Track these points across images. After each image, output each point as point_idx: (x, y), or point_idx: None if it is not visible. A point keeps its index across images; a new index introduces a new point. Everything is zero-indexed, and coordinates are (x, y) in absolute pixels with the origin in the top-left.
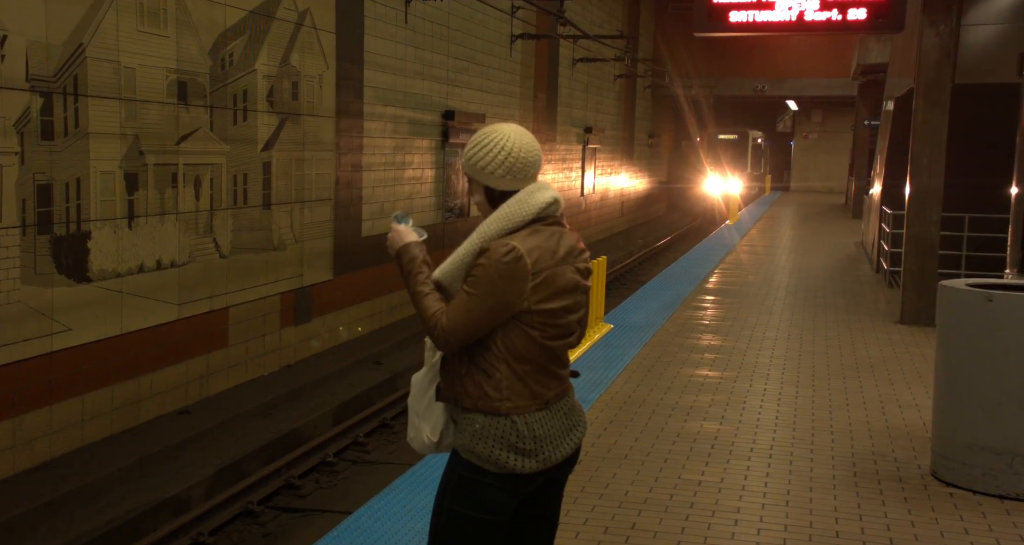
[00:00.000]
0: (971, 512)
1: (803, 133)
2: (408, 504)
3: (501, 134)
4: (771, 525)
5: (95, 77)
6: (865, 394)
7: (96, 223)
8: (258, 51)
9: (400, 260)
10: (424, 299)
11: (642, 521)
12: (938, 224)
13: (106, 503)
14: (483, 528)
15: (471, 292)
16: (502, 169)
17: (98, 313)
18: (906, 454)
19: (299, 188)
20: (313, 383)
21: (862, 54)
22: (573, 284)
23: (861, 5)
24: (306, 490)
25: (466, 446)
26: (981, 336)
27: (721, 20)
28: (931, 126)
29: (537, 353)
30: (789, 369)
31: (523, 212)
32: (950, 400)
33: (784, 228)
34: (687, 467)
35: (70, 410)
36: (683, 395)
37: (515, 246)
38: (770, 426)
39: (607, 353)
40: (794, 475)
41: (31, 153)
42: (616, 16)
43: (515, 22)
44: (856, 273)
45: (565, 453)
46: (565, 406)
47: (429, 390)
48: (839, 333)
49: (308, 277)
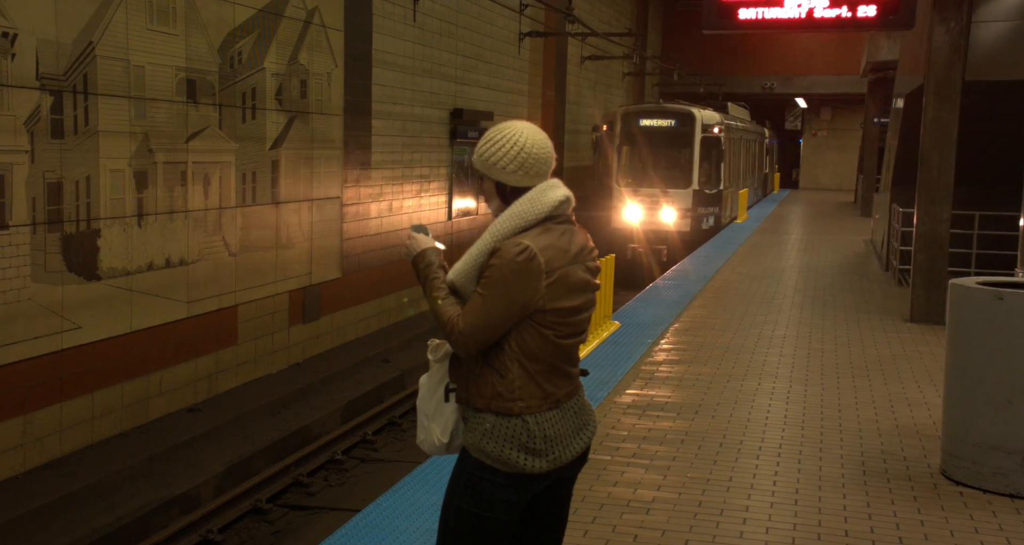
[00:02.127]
0: (981, 511)
1: (812, 131)
2: (417, 502)
3: (514, 130)
4: (780, 524)
5: (105, 75)
6: (874, 393)
7: (106, 221)
8: (267, 49)
9: (416, 266)
10: (440, 304)
11: (650, 520)
12: (948, 222)
13: (116, 500)
14: (492, 527)
15: (485, 294)
16: (514, 165)
17: (108, 311)
18: (916, 453)
19: (308, 186)
20: (321, 381)
21: (872, 51)
22: (584, 283)
23: (871, 2)
24: (315, 488)
25: (476, 445)
26: (991, 334)
27: (730, 18)
28: (941, 123)
29: (550, 352)
30: (798, 367)
31: (536, 210)
32: (960, 399)
33: (793, 226)
34: (695, 466)
35: (80, 407)
36: (691, 393)
37: (528, 245)
38: (779, 425)
39: (615, 351)
40: (803, 474)
41: (41, 151)
42: (624, 14)
43: (523, 20)
44: (865, 271)
45: (575, 452)
46: (575, 405)
47: (437, 391)
48: (848, 331)
49: (317, 275)
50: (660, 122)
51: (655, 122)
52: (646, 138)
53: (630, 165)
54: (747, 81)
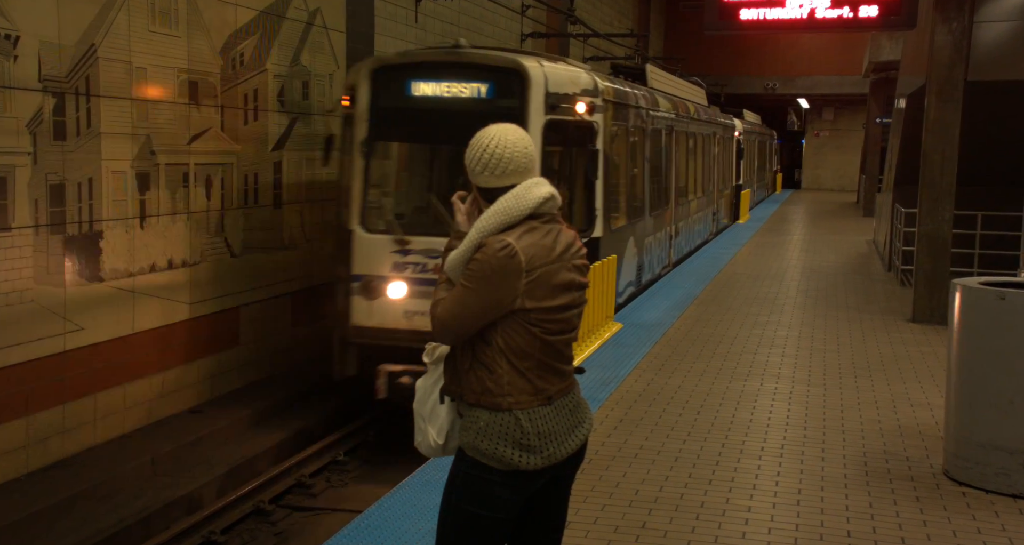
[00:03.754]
0: (984, 511)
1: (814, 131)
2: (418, 503)
3: (485, 134)
4: (782, 524)
5: (107, 77)
6: (877, 393)
7: (108, 223)
8: (269, 51)
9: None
10: (437, 287)
11: (653, 520)
12: (950, 222)
13: (119, 501)
14: (490, 526)
15: (465, 285)
16: (480, 165)
17: (110, 312)
18: (918, 453)
19: (309, 187)
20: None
21: (874, 51)
22: (569, 281)
23: (872, 3)
24: (316, 489)
25: (471, 444)
26: (994, 334)
27: (732, 18)
28: (943, 123)
29: (538, 349)
30: (800, 368)
31: (520, 206)
32: (963, 399)
33: (795, 226)
34: (698, 466)
35: (82, 409)
36: (693, 394)
37: (510, 242)
38: (781, 425)
39: (617, 352)
40: (805, 474)
41: (44, 153)
42: (626, 14)
43: (525, 21)
44: (868, 271)
45: (570, 450)
46: (570, 403)
47: (433, 394)
48: (850, 331)
49: (319, 276)
50: (451, 89)
51: (440, 89)
52: (421, 124)
53: (384, 184)
54: (749, 81)
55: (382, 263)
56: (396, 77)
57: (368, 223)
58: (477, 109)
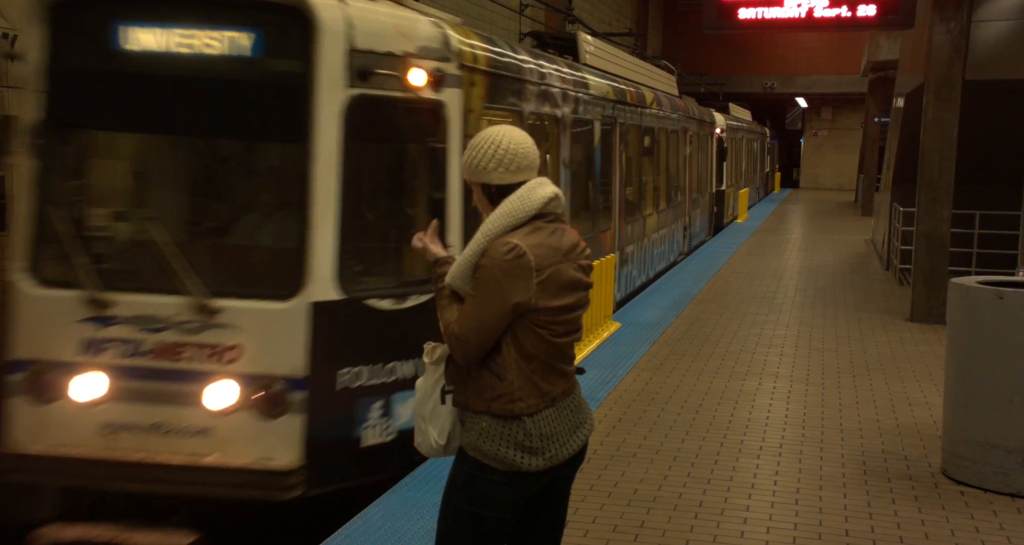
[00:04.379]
0: (982, 510)
1: (813, 130)
2: (417, 502)
3: (491, 132)
4: (781, 524)
5: None
6: (875, 392)
7: None
8: None
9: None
10: (442, 312)
11: (651, 519)
12: (949, 221)
13: None
14: (490, 525)
15: (477, 295)
16: (493, 162)
17: None
18: (916, 452)
19: None
20: None
21: (872, 51)
22: (576, 281)
23: (871, 2)
24: None
25: (473, 445)
26: (992, 334)
27: (730, 18)
28: (942, 123)
29: (545, 351)
30: (799, 367)
31: (526, 207)
32: (961, 398)
33: (793, 226)
34: (696, 465)
35: None
36: (692, 394)
37: (516, 243)
38: (779, 424)
39: (616, 351)
40: (804, 473)
41: None
42: (625, 14)
43: (523, 20)
44: (866, 270)
45: (572, 450)
46: (571, 404)
47: (433, 394)
48: (849, 331)
49: None
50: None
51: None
52: (140, 99)
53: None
54: (748, 81)
55: (64, 339)
56: (95, 18)
57: (42, 270)
58: (231, 75)
